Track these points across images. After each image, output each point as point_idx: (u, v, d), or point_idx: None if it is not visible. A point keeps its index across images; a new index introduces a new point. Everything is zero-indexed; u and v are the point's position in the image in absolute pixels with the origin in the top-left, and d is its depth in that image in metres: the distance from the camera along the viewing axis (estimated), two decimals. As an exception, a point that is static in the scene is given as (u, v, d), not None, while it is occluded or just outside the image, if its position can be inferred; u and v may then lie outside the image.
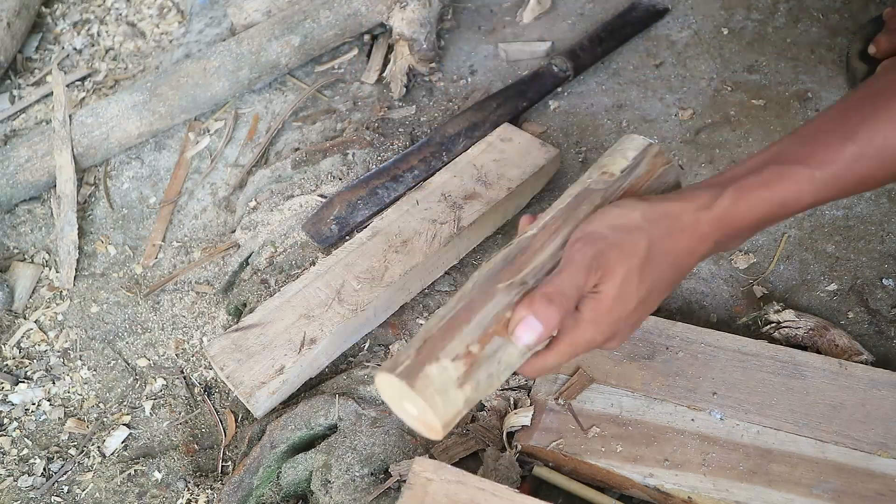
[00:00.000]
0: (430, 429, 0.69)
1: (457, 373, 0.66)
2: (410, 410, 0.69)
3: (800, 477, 0.81)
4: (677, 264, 0.73)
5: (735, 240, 0.75)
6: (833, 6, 1.27)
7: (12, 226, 1.22)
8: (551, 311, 0.68)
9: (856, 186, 0.71)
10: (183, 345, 1.08)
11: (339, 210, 1.11)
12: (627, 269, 0.71)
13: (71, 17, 1.49)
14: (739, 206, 0.72)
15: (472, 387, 0.67)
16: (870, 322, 0.97)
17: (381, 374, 0.67)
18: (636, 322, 0.75)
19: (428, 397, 0.65)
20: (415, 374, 0.65)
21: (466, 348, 0.67)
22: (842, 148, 0.69)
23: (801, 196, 0.71)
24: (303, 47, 1.28)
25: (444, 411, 0.66)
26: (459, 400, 0.66)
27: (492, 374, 0.68)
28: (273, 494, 0.92)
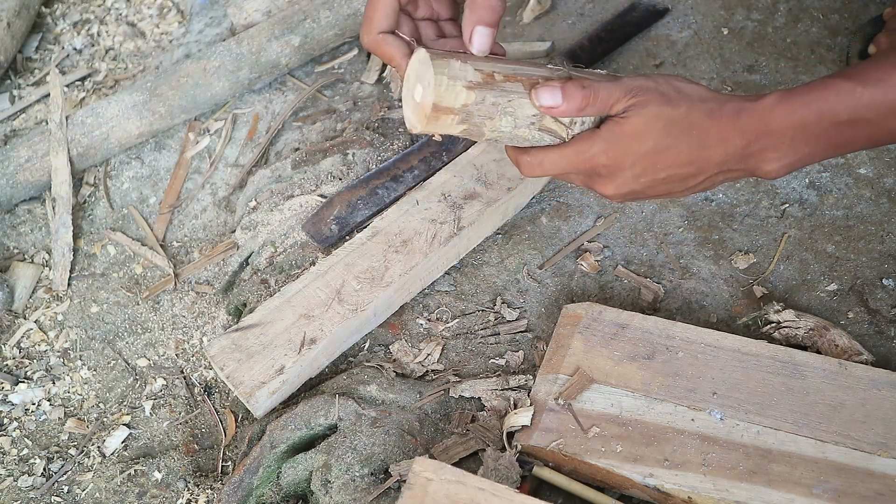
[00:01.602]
0: (421, 111, 0.75)
1: (472, 77, 0.73)
2: (417, 95, 0.75)
3: (800, 477, 0.81)
4: (705, 142, 0.74)
5: (769, 149, 0.75)
6: (833, 6, 1.27)
7: (12, 226, 1.22)
8: (577, 92, 0.74)
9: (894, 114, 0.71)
10: (183, 345, 1.08)
11: (339, 210, 1.11)
12: (658, 114, 0.73)
13: (71, 17, 1.49)
14: (780, 106, 0.73)
15: (476, 97, 0.74)
16: (870, 322, 0.97)
17: (419, 49, 0.75)
18: (638, 174, 0.76)
19: (438, 73, 0.72)
20: (442, 56, 0.73)
21: (492, 71, 0.74)
22: (890, 72, 0.70)
23: (840, 108, 0.71)
24: (303, 47, 1.28)
25: (443, 93, 0.72)
26: (461, 98, 0.73)
27: (496, 104, 0.75)
28: (273, 494, 0.92)
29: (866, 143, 0.75)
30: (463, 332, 1.02)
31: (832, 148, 0.75)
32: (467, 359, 1.00)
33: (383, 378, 0.96)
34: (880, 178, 1.09)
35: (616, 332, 0.93)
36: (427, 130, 0.76)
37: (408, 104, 0.78)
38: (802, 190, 1.09)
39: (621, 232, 1.09)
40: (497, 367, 0.99)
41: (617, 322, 0.93)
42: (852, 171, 1.10)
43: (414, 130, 0.78)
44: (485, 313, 1.03)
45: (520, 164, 0.81)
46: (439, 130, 0.77)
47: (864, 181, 1.09)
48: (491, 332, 1.02)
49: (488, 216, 1.05)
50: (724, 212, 1.09)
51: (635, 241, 1.08)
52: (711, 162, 0.75)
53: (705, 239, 1.07)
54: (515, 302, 1.04)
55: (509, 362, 0.99)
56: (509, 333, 1.01)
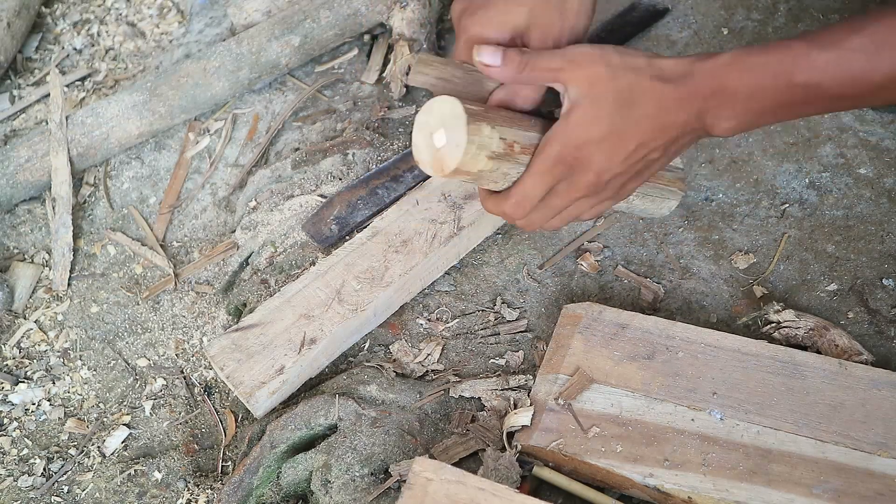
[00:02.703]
0: (438, 165, 0.77)
1: (497, 147, 0.75)
2: (437, 140, 0.76)
3: (800, 477, 0.81)
4: (662, 108, 0.74)
5: (724, 108, 0.74)
6: (833, 6, 1.27)
7: (12, 226, 1.22)
8: (516, 56, 0.75)
9: (849, 81, 0.71)
10: (183, 345, 1.08)
11: (339, 210, 1.11)
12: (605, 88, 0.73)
13: (71, 17, 1.49)
14: (735, 64, 0.73)
15: (492, 167, 0.76)
16: (870, 322, 0.97)
17: (452, 99, 0.74)
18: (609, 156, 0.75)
19: (470, 141, 0.73)
20: (476, 119, 0.74)
21: (513, 142, 0.76)
22: (846, 36, 0.71)
23: (796, 70, 0.72)
24: (303, 47, 1.28)
25: (468, 159, 0.74)
26: (479, 165, 0.75)
27: (506, 174, 0.78)
28: (273, 494, 0.92)
29: (820, 108, 0.76)
30: (463, 332, 1.02)
31: (786, 110, 0.75)
32: (467, 359, 1.00)
33: (383, 378, 0.96)
34: (880, 178, 1.09)
35: (616, 332, 0.93)
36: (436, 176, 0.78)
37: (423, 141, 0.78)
38: (802, 190, 1.09)
39: (621, 232, 1.09)
40: (497, 367, 0.99)
41: (617, 322, 0.93)
42: (852, 171, 1.10)
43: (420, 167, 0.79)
44: (485, 313, 1.03)
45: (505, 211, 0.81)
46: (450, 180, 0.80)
47: (864, 181, 1.09)
48: (491, 332, 1.02)
49: (488, 216, 1.05)
50: (724, 212, 1.09)
51: (635, 241, 1.08)
52: (674, 123, 0.75)
53: (705, 239, 1.07)
54: (515, 302, 1.04)
55: (509, 362, 0.99)
56: (509, 333, 1.01)
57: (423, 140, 0.78)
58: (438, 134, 0.76)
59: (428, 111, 0.77)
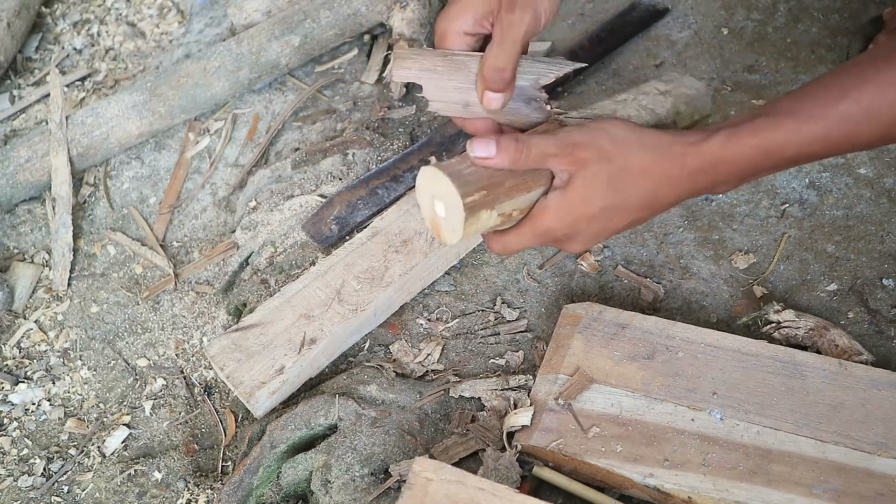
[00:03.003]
0: (439, 233, 0.79)
1: (493, 223, 0.77)
2: (438, 210, 0.77)
3: (800, 477, 0.81)
4: (655, 190, 0.77)
5: (718, 185, 0.79)
6: (833, 6, 1.27)
7: (12, 226, 1.22)
8: (511, 145, 0.76)
9: (841, 145, 0.75)
10: (183, 345, 1.08)
11: (339, 210, 1.11)
12: (597, 172, 0.76)
13: (71, 17, 1.49)
14: (727, 148, 0.76)
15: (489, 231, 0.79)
16: (870, 322, 0.97)
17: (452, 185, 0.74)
18: (598, 232, 0.79)
19: (468, 226, 0.75)
20: (475, 210, 0.75)
21: (511, 211, 0.77)
22: (832, 105, 0.73)
23: (786, 147, 0.75)
24: (303, 47, 1.28)
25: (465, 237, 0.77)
26: (477, 236, 0.80)
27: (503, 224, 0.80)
28: (273, 494, 0.92)
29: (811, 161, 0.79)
30: (463, 332, 1.02)
31: (778, 171, 0.80)
32: (467, 359, 1.00)
33: (383, 378, 0.96)
34: (880, 178, 1.09)
35: (616, 332, 0.93)
36: None
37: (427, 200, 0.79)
38: (802, 190, 1.09)
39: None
40: (497, 367, 0.99)
41: (617, 322, 0.93)
42: (852, 171, 1.10)
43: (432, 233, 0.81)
44: (485, 313, 1.03)
45: (491, 246, 0.84)
46: None
47: (864, 181, 1.09)
48: (491, 332, 1.02)
49: (488, 216, 1.05)
50: (724, 212, 1.09)
51: (635, 241, 1.08)
52: (665, 202, 0.79)
53: (705, 239, 1.07)
54: (515, 302, 1.04)
55: (509, 362, 0.99)
56: (509, 333, 1.01)
57: (427, 201, 0.79)
58: (438, 206, 0.77)
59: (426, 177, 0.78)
